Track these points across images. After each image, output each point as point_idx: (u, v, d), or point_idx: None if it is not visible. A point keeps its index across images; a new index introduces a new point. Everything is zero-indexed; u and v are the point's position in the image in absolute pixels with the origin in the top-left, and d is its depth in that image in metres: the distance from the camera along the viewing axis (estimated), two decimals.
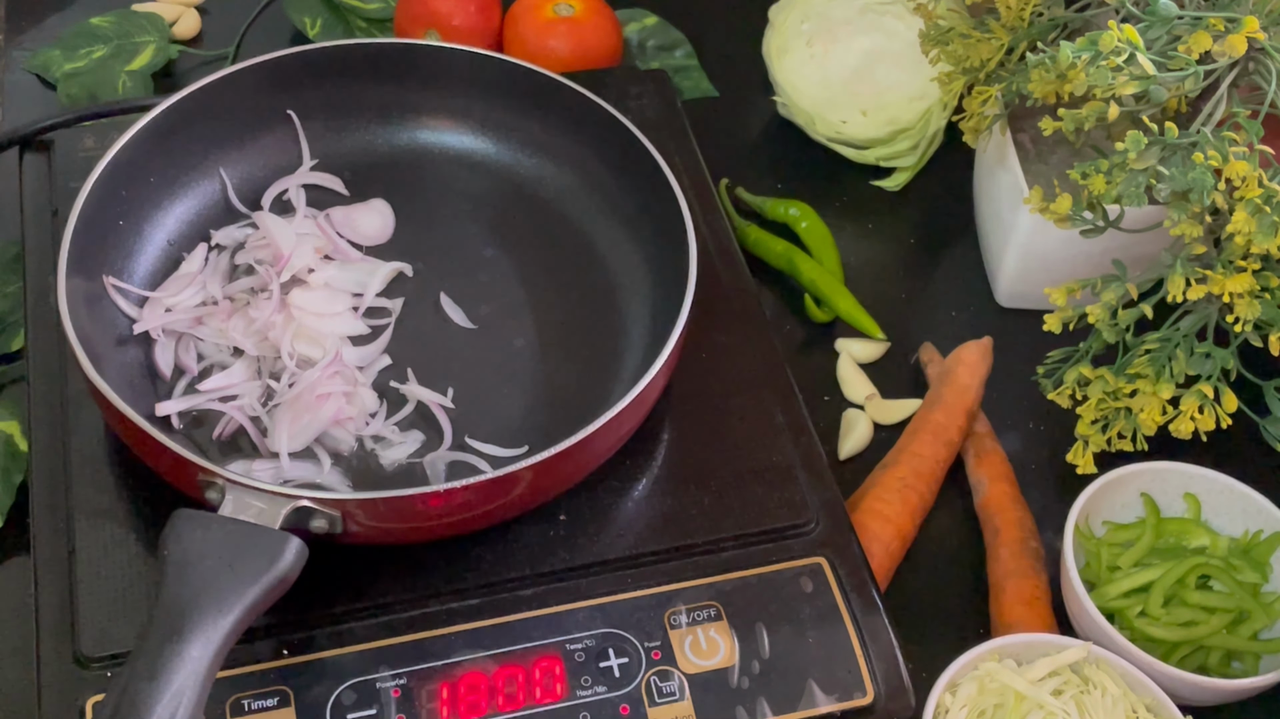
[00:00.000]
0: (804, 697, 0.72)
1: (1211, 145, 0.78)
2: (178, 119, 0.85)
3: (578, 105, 0.88)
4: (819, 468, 0.81)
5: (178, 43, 1.14)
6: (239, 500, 0.67)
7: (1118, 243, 0.86)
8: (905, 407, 0.94)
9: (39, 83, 1.10)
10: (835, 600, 0.75)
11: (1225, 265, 0.81)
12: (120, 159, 0.81)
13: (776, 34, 1.09)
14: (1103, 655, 0.77)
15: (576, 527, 0.77)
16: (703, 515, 0.78)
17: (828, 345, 0.99)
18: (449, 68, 0.91)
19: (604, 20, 1.09)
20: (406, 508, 0.69)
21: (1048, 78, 0.82)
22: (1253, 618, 0.82)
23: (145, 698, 0.59)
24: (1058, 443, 0.93)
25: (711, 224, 0.91)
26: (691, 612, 0.74)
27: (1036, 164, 0.97)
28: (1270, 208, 0.76)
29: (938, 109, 1.06)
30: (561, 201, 0.91)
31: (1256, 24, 0.79)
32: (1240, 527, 0.86)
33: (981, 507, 0.89)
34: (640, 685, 0.72)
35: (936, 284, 1.05)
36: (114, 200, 0.82)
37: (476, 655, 0.72)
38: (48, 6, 1.16)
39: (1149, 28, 0.81)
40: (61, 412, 0.79)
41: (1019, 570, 0.84)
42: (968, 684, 0.76)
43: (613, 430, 0.73)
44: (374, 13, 1.14)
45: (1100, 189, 0.80)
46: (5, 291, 0.93)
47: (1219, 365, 0.83)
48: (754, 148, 1.12)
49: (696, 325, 0.79)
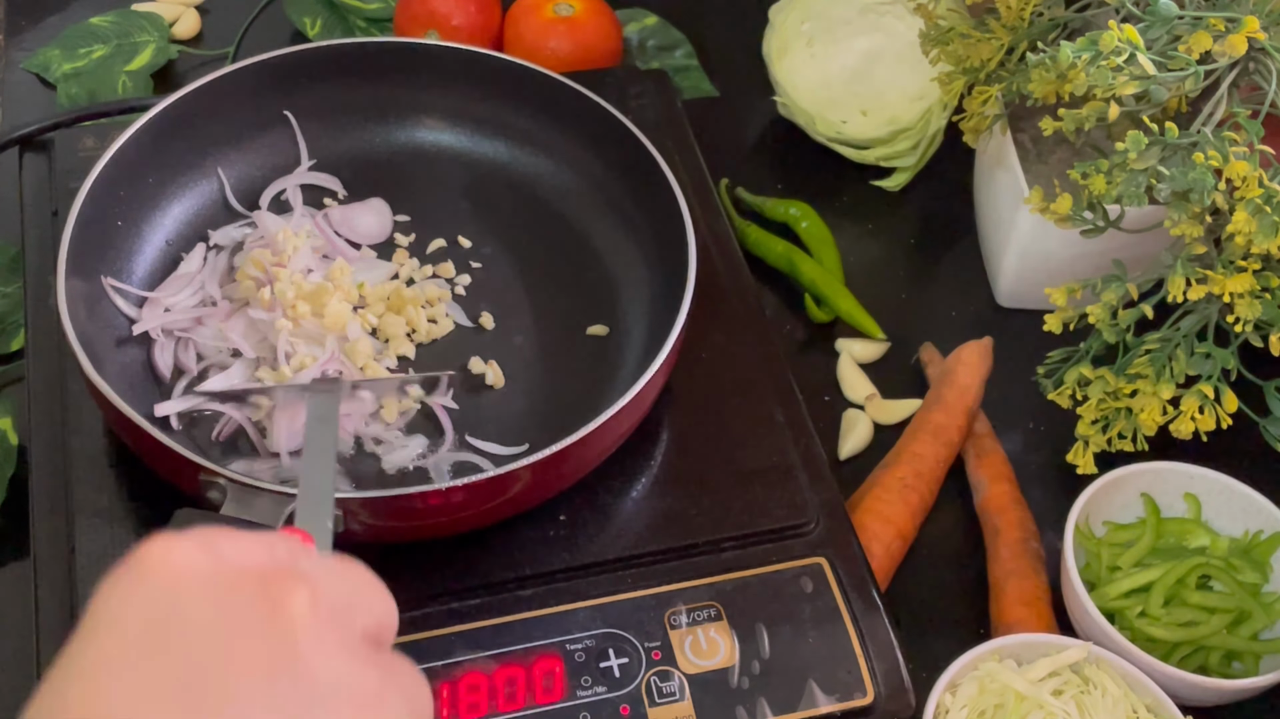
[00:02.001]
0: (804, 697, 0.72)
1: (1212, 145, 0.78)
2: (176, 119, 0.84)
3: (578, 105, 0.88)
4: (819, 468, 0.81)
5: (177, 42, 1.14)
6: (240, 500, 0.67)
7: (1118, 243, 0.86)
8: (905, 407, 0.94)
9: (39, 82, 1.10)
10: (835, 600, 0.75)
11: (1225, 265, 0.81)
12: (119, 159, 0.81)
13: (776, 34, 1.09)
14: (1103, 655, 0.77)
15: (576, 527, 0.77)
16: (703, 515, 0.78)
17: (828, 345, 0.99)
18: (448, 67, 0.91)
19: (604, 20, 1.09)
20: (407, 507, 0.69)
21: (1048, 78, 0.82)
22: (1253, 618, 0.82)
23: None
24: (1058, 443, 0.93)
25: (711, 224, 0.91)
26: (691, 612, 0.74)
27: (1036, 164, 0.97)
28: (1270, 208, 0.76)
29: (938, 109, 1.06)
30: (561, 201, 0.91)
31: (1257, 24, 0.79)
32: (1240, 527, 0.86)
33: (981, 507, 0.89)
34: (640, 686, 0.72)
35: (936, 284, 1.05)
36: (113, 200, 0.82)
37: (476, 655, 0.72)
38: (48, 6, 1.16)
39: (1149, 28, 0.81)
40: (61, 412, 0.78)
41: (1019, 570, 0.84)
42: (968, 684, 0.76)
43: (612, 429, 0.73)
44: (374, 12, 1.14)
45: (1100, 189, 0.80)
46: (5, 292, 0.93)
47: (1219, 365, 0.83)
48: (754, 148, 1.12)
49: (696, 325, 0.79)
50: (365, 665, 0.41)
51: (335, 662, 0.39)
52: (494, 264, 0.88)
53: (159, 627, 0.37)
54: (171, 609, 0.38)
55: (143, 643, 0.37)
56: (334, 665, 0.39)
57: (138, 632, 0.37)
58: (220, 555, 0.40)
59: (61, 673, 0.38)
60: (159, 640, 0.37)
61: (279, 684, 0.38)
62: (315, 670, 0.39)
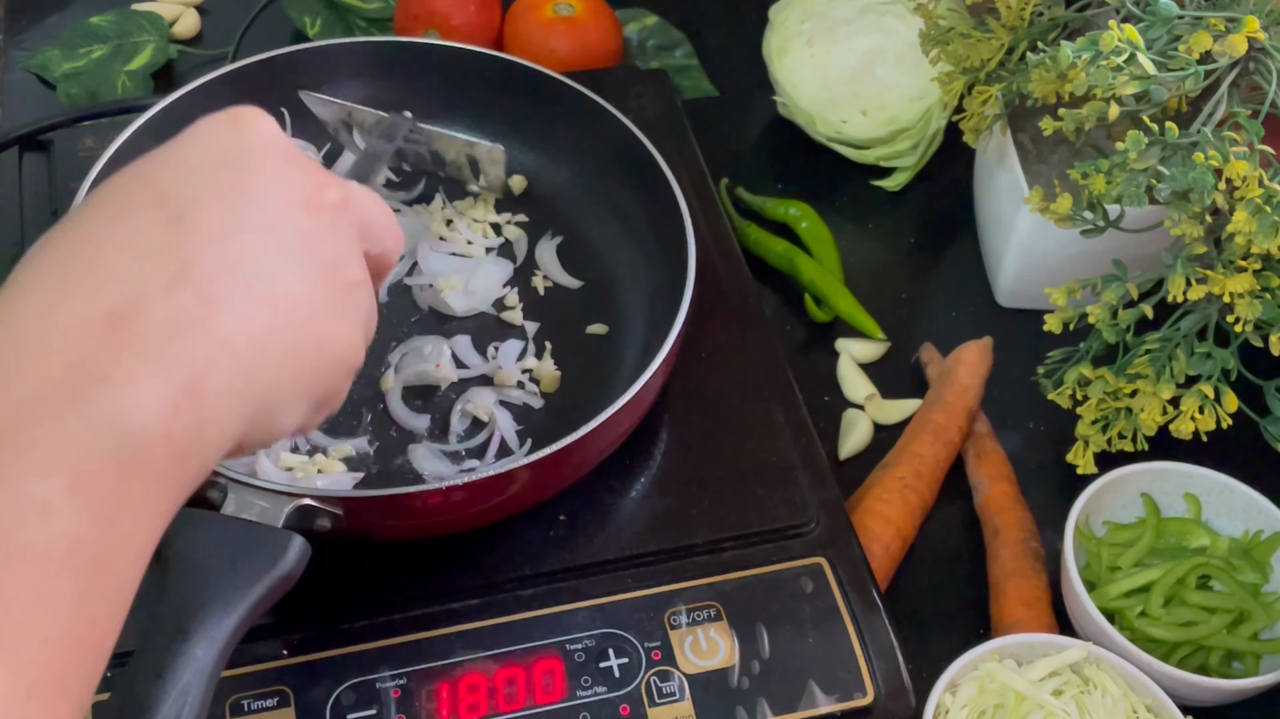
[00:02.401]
0: (804, 697, 0.72)
1: (1212, 145, 0.78)
2: (174, 118, 0.84)
3: (577, 105, 0.88)
4: (819, 468, 0.80)
5: (177, 42, 1.14)
6: (241, 499, 0.67)
7: (1118, 243, 0.86)
8: (905, 407, 0.94)
9: (38, 82, 1.10)
10: (835, 600, 0.75)
11: (1226, 265, 0.81)
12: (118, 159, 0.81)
13: (776, 34, 1.09)
14: (1103, 656, 0.77)
15: (576, 527, 0.77)
16: (703, 515, 0.78)
17: (828, 345, 0.99)
18: (448, 66, 0.91)
19: (604, 20, 1.09)
20: (406, 506, 0.69)
21: (1048, 77, 0.82)
22: (1253, 618, 0.82)
23: (151, 697, 0.59)
24: (1058, 443, 0.93)
25: (711, 224, 0.91)
26: (691, 612, 0.74)
27: (1036, 164, 0.97)
28: (1271, 208, 0.76)
29: (938, 109, 1.06)
30: (560, 200, 0.91)
31: (1257, 24, 0.79)
32: (1240, 527, 0.86)
33: (982, 507, 0.89)
34: (640, 686, 0.72)
35: (936, 284, 1.05)
36: None
37: (476, 656, 0.72)
38: (48, 6, 1.16)
39: (1149, 27, 0.81)
40: None
41: (1019, 570, 0.84)
42: (968, 684, 0.76)
43: (611, 428, 0.73)
44: (374, 12, 1.14)
45: (1100, 189, 0.80)
46: None
47: (1219, 365, 0.83)
48: (754, 148, 1.12)
49: (696, 325, 0.79)
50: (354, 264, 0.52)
51: (332, 244, 0.50)
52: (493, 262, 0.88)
53: (236, 157, 0.49)
54: (247, 149, 0.49)
55: (220, 162, 0.49)
56: (331, 246, 0.50)
57: (220, 153, 0.49)
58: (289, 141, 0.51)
59: (152, 157, 0.49)
60: (233, 164, 0.49)
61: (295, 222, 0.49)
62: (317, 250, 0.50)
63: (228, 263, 0.46)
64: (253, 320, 0.47)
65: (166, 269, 0.45)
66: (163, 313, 0.44)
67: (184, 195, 0.47)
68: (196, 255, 0.46)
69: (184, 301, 0.45)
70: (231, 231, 0.47)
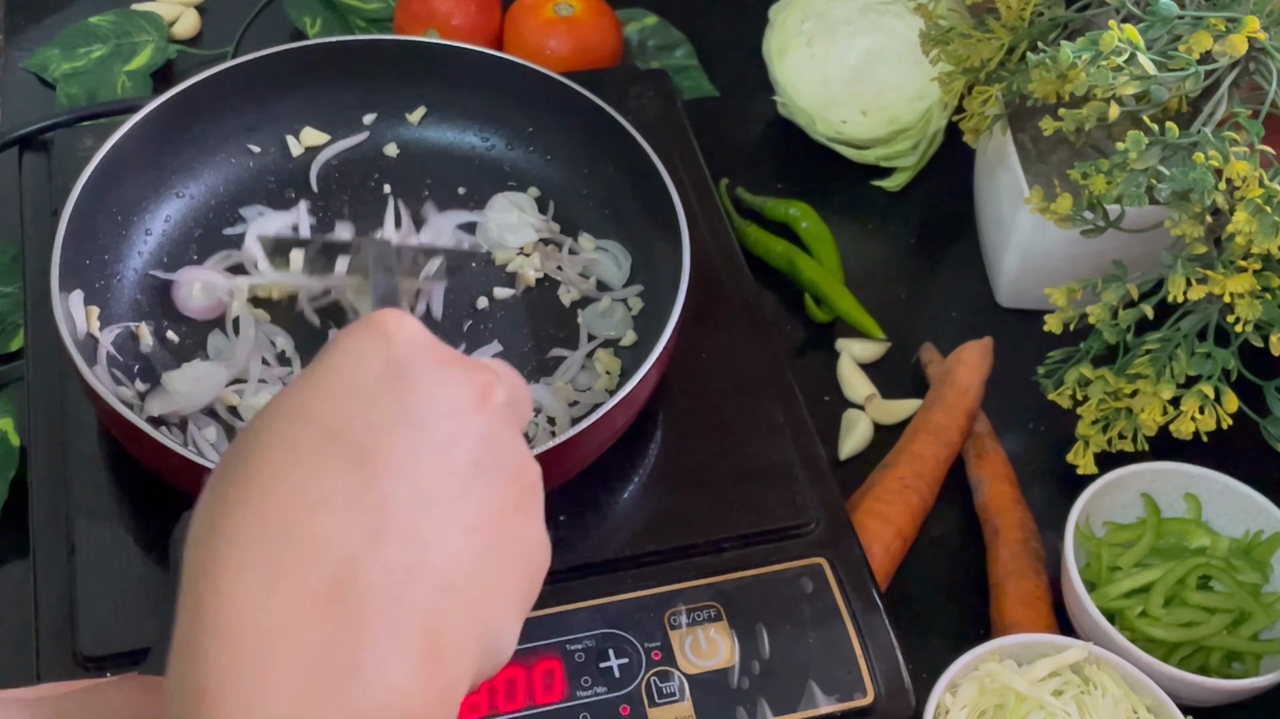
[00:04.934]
0: (804, 697, 0.72)
1: (1212, 145, 0.77)
2: (171, 117, 0.84)
3: (577, 105, 0.88)
4: (819, 468, 0.80)
5: (177, 42, 1.14)
6: None
7: (1118, 243, 0.86)
8: (905, 407, 0.94)
9: (38, 82, 1.10)
10: (835, 601, 0.75)
11: (1226, 265, 0.81)
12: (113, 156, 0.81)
13: (776, 34, 1.09)
14: (1103, 656, 0.77)
15: (576, 527, 0.76)
16: (703, 515, 0.78)
17: (828, 345, 0.99)
18: (448, 66, 0.91)
19: (604, 20, 1.09)
20: None
21: (1048, 78, 0.82)
22: (1253, 618, 0.82)
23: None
24: (1058, 443, 0.92)
25: (711, 224, 0.91)
26: (691, 612, 0.74)
27: (1036, 164, 0.97)
28: (1271, 208, 0.76)
29: (938, 109, 1.06)
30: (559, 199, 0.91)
31: (1257, 24, 0.79)
32: (1241, 527, 0.86)
33: (982, 507, 0.89)
34: (640, 686, 0.72)
35: (936, 284, 1.05)
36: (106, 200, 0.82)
37: None
38: (47, 6, 1.16)
39: (1149, 27, 0.81)
40: (61, 412, 0.78)
41: (1019, 570, 0.84)
42: (968, 684, 0.76)
43: (605, 427, 0.73)
44: (374, 12, 1.14)
45: (1101, 189, 0.80)
46: (5, 292, 0.93)
47: (1219, 365, 0.83)
48: (754, 148, 1.12)
49: (696, 325, 0.79)
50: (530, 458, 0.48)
51: (509, 443, 0.47)
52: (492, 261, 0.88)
53: (394, 372, 0.45)
54: (404, 361, 0.45)
55: (380, 381, 0.45)
56: (509, 447, 0.47)
57: (376, 371, 0.45)
58: (436, 339, 0.48)
59: (301, 388, 0.45)
60: (394, 380, 0.45)
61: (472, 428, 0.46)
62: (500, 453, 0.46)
63: (420, 494, 0.43)
64: (462, 553, 0.43)
65: (366, 518, 0.42)
66: (379, 572, 0.41)
67: (355, 428, 0.43)
68: (389, 492, 0.42)
69: (393, 553, 0.42)
70: (415, 457, 0.43)
